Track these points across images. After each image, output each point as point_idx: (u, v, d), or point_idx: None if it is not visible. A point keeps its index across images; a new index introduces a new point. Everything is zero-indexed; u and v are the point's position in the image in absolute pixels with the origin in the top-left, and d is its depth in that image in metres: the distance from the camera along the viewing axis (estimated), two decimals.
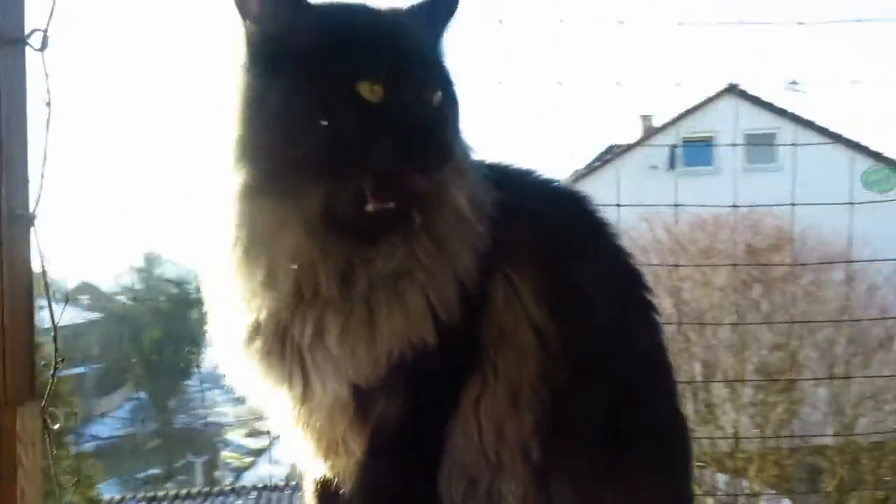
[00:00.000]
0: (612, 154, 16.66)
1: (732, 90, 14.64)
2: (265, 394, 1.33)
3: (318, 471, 1.40)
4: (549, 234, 1.33)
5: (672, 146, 15.43)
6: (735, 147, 13.90)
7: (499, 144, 1.25)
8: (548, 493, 1.29)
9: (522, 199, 1.33)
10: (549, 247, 1.32)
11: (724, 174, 11.53)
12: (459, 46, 1.36)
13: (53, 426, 1.52)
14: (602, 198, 1.47)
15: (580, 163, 15.53)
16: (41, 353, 1.57)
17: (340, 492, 1.35)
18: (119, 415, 25.23)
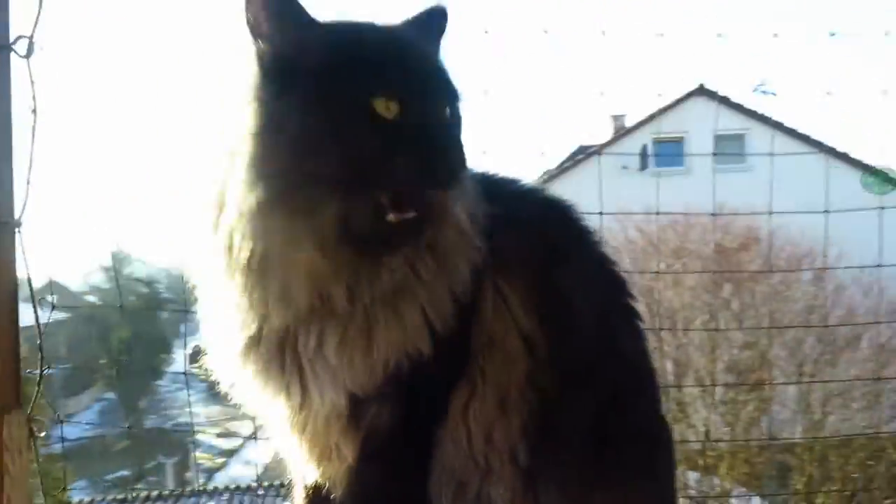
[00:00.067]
0: (583, 154, 16.68)
1: (702, 91, 14.80)
2: (262, 402, 1.34)
3: (310, 477, 1.41)
4: (537, 244, 1.36)
5: (643, 147, 15.50)
6: (706, 147, 14.02)
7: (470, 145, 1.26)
8: (535, 496, 1.31)
9: (510, 210, 1.35)
10: (537, 256, 1.35)
11: (696, 174, 11.63)
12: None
13: (39, 434, 1.51)
14: (574, 199, 1.49)
15: (552, 163, 15.49)
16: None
17: (332, 496, 1.37)
18: (88, 416, 24.89)
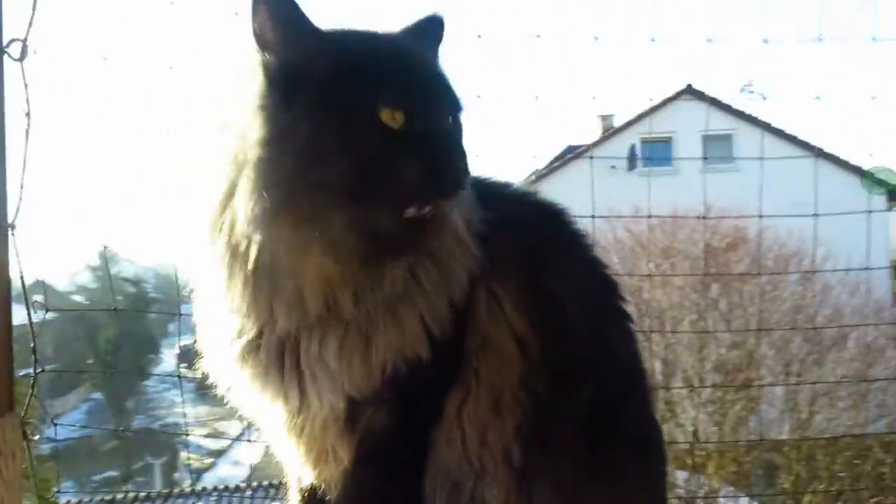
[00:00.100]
0: (572, 154, 16.70)
1: (690, 91, 14.84)
2: (259, 405, 1.35)
3: (306, 479, 1.42)
4: (530, 248, 1.37)
5: (631, 147, 15.55)
6: (694, 147, 14.08)
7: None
8: (529, 497, 1.31)
9: (504, 214, 1.36)
10: (530, 259, 1.36)
11: (684, 174, 11.67)
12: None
13: (33, 437, 1.51)
14: (563, 199, 1.50)
15: (540, 164, 15.49)
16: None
17: (327, 498, 1.37)
18: (75, 416, 24.75)
